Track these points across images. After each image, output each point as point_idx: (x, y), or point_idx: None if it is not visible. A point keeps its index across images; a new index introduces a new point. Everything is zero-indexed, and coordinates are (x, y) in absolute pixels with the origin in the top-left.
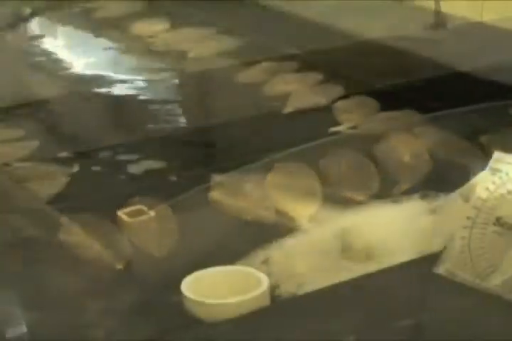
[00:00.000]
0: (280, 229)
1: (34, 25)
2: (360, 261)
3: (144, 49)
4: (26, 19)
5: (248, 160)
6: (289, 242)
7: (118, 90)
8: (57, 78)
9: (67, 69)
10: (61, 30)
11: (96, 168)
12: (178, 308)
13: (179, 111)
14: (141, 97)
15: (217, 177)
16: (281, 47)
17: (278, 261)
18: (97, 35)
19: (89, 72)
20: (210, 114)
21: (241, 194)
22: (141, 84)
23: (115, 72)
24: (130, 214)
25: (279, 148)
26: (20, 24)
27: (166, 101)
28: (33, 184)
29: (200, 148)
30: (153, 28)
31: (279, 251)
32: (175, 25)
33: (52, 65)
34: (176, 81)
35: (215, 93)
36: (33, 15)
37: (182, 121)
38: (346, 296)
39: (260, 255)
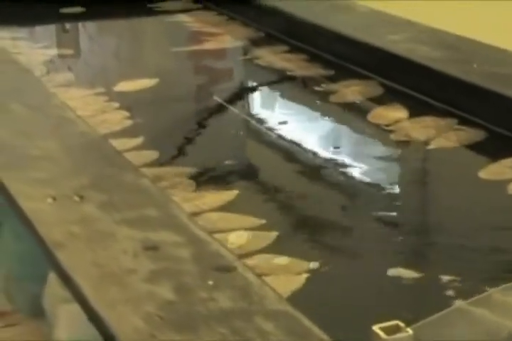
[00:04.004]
0: None
1: (259, 100)
2: None
3: (382, 138)
4: (252, 92)
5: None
6: None
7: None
8: (290, 160)
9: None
10: (289, 107)
11: (340, 266)
12: None
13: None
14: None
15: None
16: None
17: None
18: (333, 120)
19: (327, 156)
20: (447, 211)
21: (500, 310)
22: (378, 174)
23: (352, 159)
24: (386, 330)
25: None
26: (246, 96)
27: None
28: (272, 278)
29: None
30: (391, 116)
31: None
32: (413, 113)
33: (282, 145)
34: (413, 174)
35: (455, 188)
36: (256, 90)
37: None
38: None
39: None
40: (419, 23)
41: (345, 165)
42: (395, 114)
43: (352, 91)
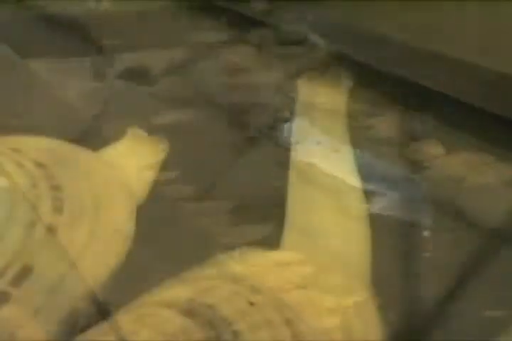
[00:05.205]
0: None
1: (295, 134)
2: None
3: (419, 174)
4: (287, 126)
5: None
6: None
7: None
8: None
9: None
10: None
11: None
12: None
13: None
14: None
15: None
16: None
17: None
18: (369, 155)
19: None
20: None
21: None
22: (414, 210)
23: (388, 194)
24: None
25: None
26: (281, 130)
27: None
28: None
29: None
30: (428, 152)
31: None
32: (450, 148)
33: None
34: (449, 210)
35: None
36: (292, 123)
37: None
38: None
39: None
40: (455, 57)
41: (381, 201)
42: (431, 149)
43: (388, 126)
